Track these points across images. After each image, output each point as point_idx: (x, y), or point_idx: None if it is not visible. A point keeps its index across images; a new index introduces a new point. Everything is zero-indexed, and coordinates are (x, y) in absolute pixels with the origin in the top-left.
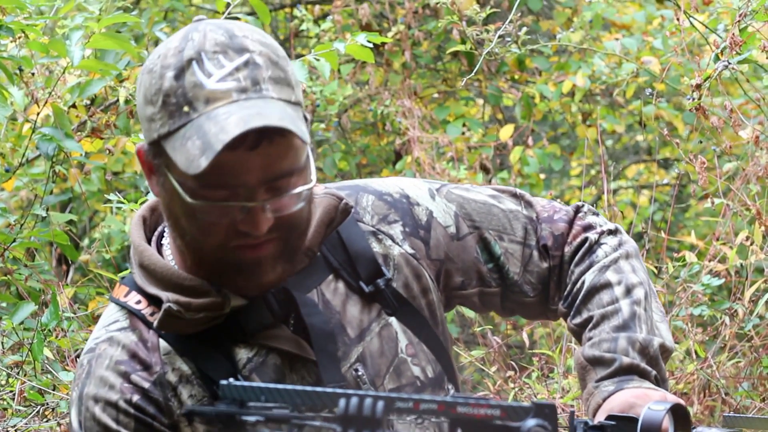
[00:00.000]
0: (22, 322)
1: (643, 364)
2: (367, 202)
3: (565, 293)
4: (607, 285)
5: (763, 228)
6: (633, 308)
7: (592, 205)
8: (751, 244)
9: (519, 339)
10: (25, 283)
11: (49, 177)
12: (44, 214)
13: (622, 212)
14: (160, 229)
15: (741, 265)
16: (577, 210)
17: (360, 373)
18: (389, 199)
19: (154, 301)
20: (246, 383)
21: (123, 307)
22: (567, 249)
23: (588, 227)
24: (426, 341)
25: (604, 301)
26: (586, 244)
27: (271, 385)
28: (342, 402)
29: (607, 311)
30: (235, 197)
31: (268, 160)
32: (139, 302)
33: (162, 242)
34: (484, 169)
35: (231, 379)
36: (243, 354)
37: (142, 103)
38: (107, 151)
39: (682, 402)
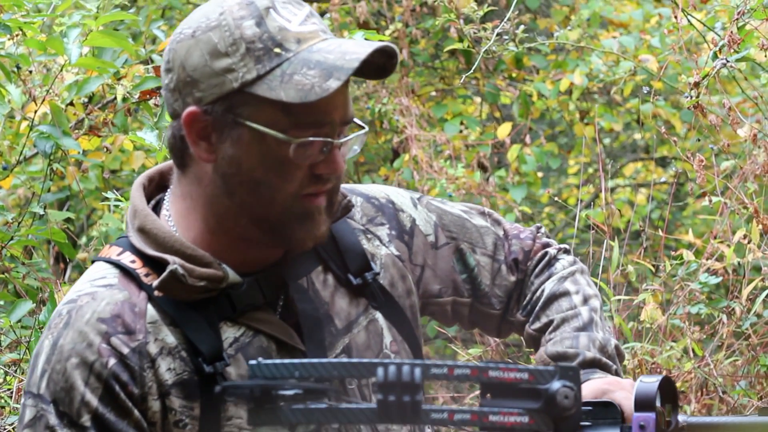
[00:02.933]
0: (19, 320)
1: (605, 359)
2: (357, 202)
3: (524, 303)
4: (566, 293)
5: (760, 226)
6: (591, 314)
7: (590, 203)
8: (749, 242)
9: (516, 337)
10: (22, 281)
11: (46, 175)
12: (42, 212)
13: (619, 210)
14: (154, 201)
15: (738, 263)
16: (537, 230)
17: None
18: (376, 202)
19: (151, 263)
20: (278, 361)
21: (115, 265)
22: (530, 263)
23: (546, 245)
24: (407, 340)
25: (563, 307)
26: (546, 258)
27: (305, 361)
28: (380, 370)
29: (567, 315)
30: (321, 136)
31: (346, 101)
32: (133, 262)
33: (160, 212)
34: (482, 167)
35: (260, 359)
36: (230, 333)
37: (204, 62)
38: (105, 149)
39: (670, 377)
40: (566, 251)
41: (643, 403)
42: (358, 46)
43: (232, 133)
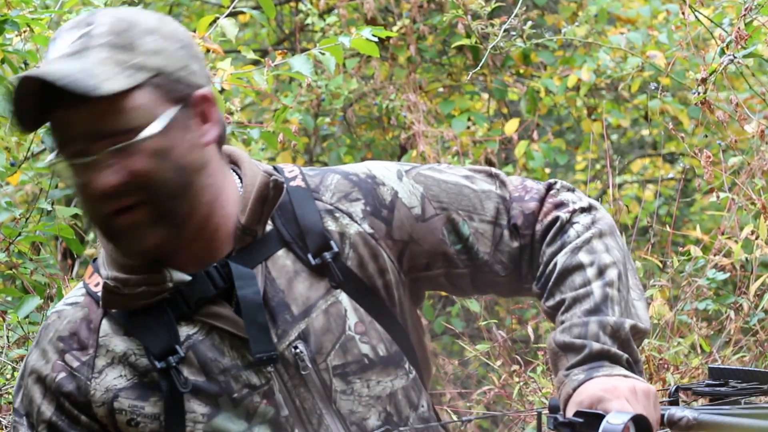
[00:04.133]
0: (27, 316)
1: (614, 349)
2: (332, 180)
3: (538, 274)
4: (580, 267)
5: None
6: (605, 290)
7: (598, 199)
8: (756, 238)
9: (524, 333)
10: (30, 277)
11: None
12: (49, 208)
13: (627, 206)
14: None
15: (746, 259)
16: (550, 187)
17: (299, 350)
18: (354, 178)
19: None
20: None
21: (84, 287)
22: (538, 227)
23: (560, 205)
24: (380, 320)
25: (576, 284)
26: (558, 224)
27: None
28: None
29: (578, 294)
30: (72, 155)
31: (93, 116)
32: (97, 284)
33: None
34: (489, 164)
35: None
36: (184, 331)
37: None
38: None
39: (643, 414)
40: (584, 210)
41: None
42: (36, 71)
43: None
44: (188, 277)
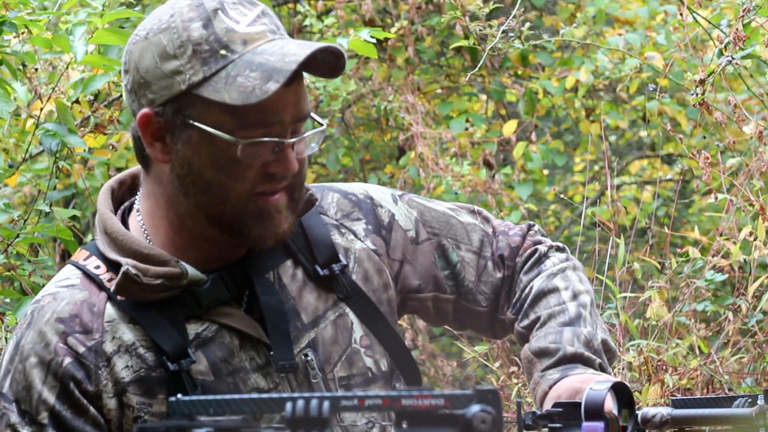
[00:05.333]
0: None
1: (588, 353)
2: (332, 199)
3: (514, 300)
4: (555, 290)
5: (766, 223)
6: (579, 310)
7: (596, 201)
8: (755, 239)
9: None
10: (28, 278)
11: (52, 173)
12: (48, 210)
13: (625, 208)
14: (127, 203)
15: (744, 260)
16: (529, 228)
17: (309, 358)
18: (354, 198)
19: (113, 267)
20: (194, 397)
21: (80, 269)
22: (519, 260)
23: (538, 242)
24: (382, 335)
25: (551, 304)
26: (536, 255)
27: (218, 397)
28: (288, 405)
29: (554, 311)
30: (271, 135)
31: (298, 99)
32: (98, 267)
33: (129, 216)
34: (488, 165)
35: (179, 395)
36: (192, 329)
37: (154, 64)
38: (111, 147)
39: (624, 382)
40: (559, 249)
41: (591, 411)
42: (300, 48)
43: (183, 134)
44: (204, 277)
